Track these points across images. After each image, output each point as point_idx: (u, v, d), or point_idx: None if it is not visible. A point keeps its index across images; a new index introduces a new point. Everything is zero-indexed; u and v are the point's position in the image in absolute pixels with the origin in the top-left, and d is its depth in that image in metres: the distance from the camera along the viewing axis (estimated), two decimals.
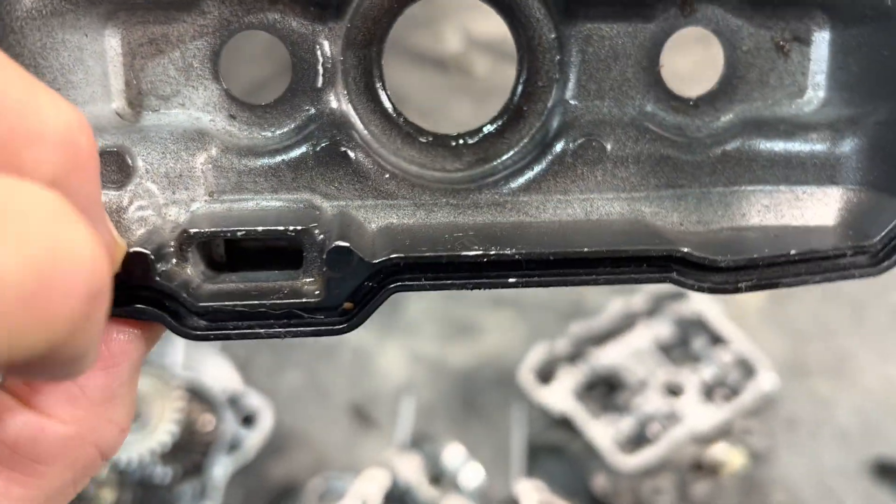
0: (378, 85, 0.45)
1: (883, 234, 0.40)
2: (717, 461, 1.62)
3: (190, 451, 1.56)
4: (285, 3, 0.43)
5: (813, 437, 1.78)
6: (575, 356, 1.71)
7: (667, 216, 0.45)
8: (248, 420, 1.62)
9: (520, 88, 0.46)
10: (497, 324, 2.01)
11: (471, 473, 1.54)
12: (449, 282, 0.40)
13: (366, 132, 0.45)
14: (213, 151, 0.43)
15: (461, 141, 0.47)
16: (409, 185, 0.45)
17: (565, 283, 0.40)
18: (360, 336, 1.98)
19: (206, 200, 0.43)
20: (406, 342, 1.97)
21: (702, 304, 1.75)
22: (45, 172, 0.28)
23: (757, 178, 0.45)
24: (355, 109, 0.45)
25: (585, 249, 0.40)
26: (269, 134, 0.44)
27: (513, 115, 0.46)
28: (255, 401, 1.63)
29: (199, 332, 0.39)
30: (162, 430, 1.49)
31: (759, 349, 1.73)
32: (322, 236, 0.40)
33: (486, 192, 0.45)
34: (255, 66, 2.10)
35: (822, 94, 0.45)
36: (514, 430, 1.72)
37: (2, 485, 0.34)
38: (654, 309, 1.77)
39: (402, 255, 0.39)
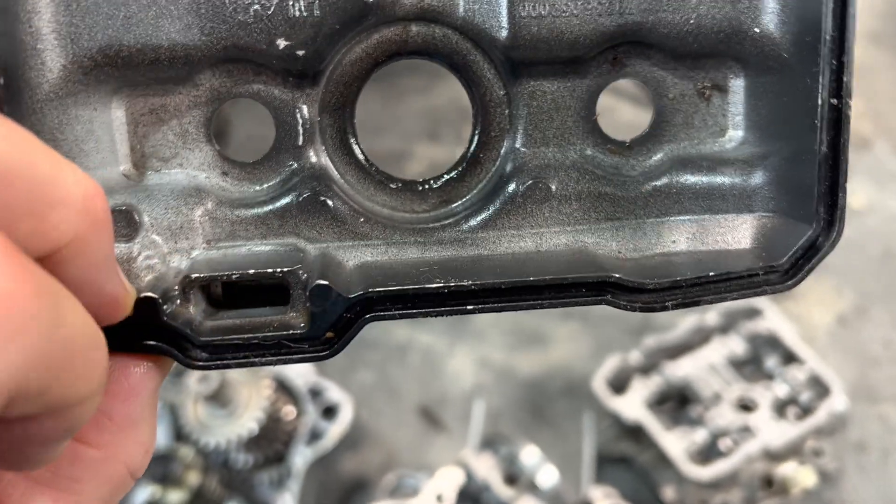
0: (352, 140, 0.51)
1: (790, 254, 0.45)
2: (787, 479, 1.63)
3: (272, 440, 1.61)
4: (268, 74, 0.48)
5: (883, 461, 1.78)
6: (648, 368, 1.74)
7: (607, 245, 0.50)
8: (328, 412, 1.66)
9: (475, 139, 0.52)
10: (564, 335, 2.04)
11: (546, 475, 1.57)
12: (416, 311, 0.46)
13: (342, 181, 0.51)
14: (209, 205, 0.49)
15: (426, 185, 0.52)
16: (382, 226, 0.50)
17: (516, 308, 0.46)
18: (429, 340, 2.03)
19: (204, 248, 0.49)
20: (475, 348, 2.01)
21: (775, 322, 1.77)
22: (67, 232, 0.33)
23: (684, 208, 0.51)
24: (332, 162, 0.51)
25: (531, 278, 0.45)
26: (258, 187, 0.50)
27: (471, 163, 0.52)
28: (335, 394, 1.68)
29: (202, 363, 0.45)
30: (248, 417, 1.53)
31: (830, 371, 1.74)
32: (305, 276, 0.45)
33: (448, 231, 0.51)
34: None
35: (740, 133, 0.50)
36: (585, 437, 1.75)
37: (47, 500, 0.40)
38: (728, 325, 1.79)
39: (373, 289, 0.45)
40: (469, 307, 0.45)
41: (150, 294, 0.43)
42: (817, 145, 0.44)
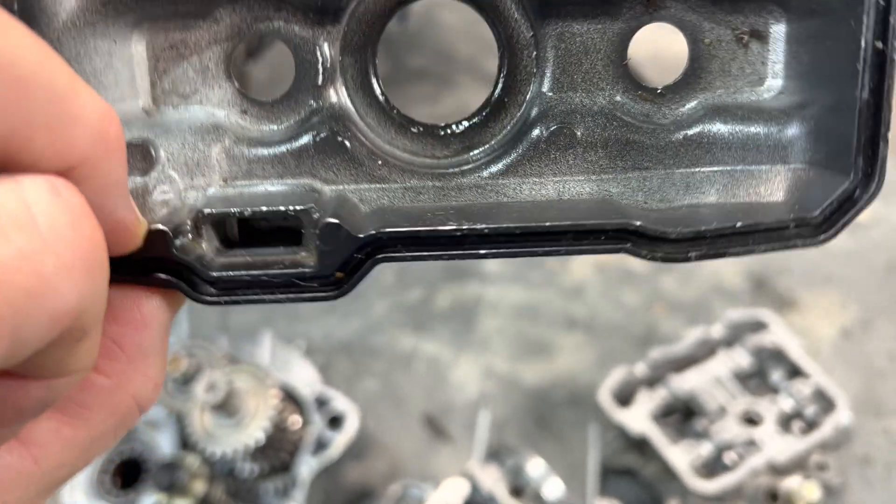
0: (374, 81, 0.50)
1: (823, 206, 0.43)
2: (792, 493, 1.63)
3: (278, 449, 1.61)
4: (288, 10, 0.47)
5: (888, 476, 1.78)
6: (654, 381, 1.74)
7: (632, 196, 0.48)
8: (334, 422, 1.66)
9: (501, 83, 0.50)
10: (569, 346, 2.05)
11: (551, 487, 1.57)
12: (427, 253, 0.44)
13: (362, 124, 0.50)
14: (227, 142, 0.48)
15: (449, 130, 0.51)
16: (400, 170, 0.49)
17: (530, 254, 0.44)
18: (434, 349, 2.03)
19: (220, 186, 0.48)
20: (479, 358, 2.02)
21: (780, 336, 1.77)
22: (82, 150, 0.33)
23: (716, 159, 0.48)
24: (353, 104, 0.49)
25: (548, 223, 0.44)
26: (276, 126, 0.49)
27: (495, 107, 0.50)
28: (341, 404, 1.68)
29: (210, 298, 0.44)
30: (255, 426, 1.53)
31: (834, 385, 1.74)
32: (318, 215, 0.44)
33: (468, 176, 0.49)
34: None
35: (780, 82, 0.48)
36: (590, 449, 1.75)
37: (55, 426, 0.40)
38: (733, 339, 1.80)
39: (384, 230, 0.44)
40: (482, 251, 0.44)
41: (160, 226, 0.43)
42: (858, 91, 0.41)
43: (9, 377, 0.34)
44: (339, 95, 0.49)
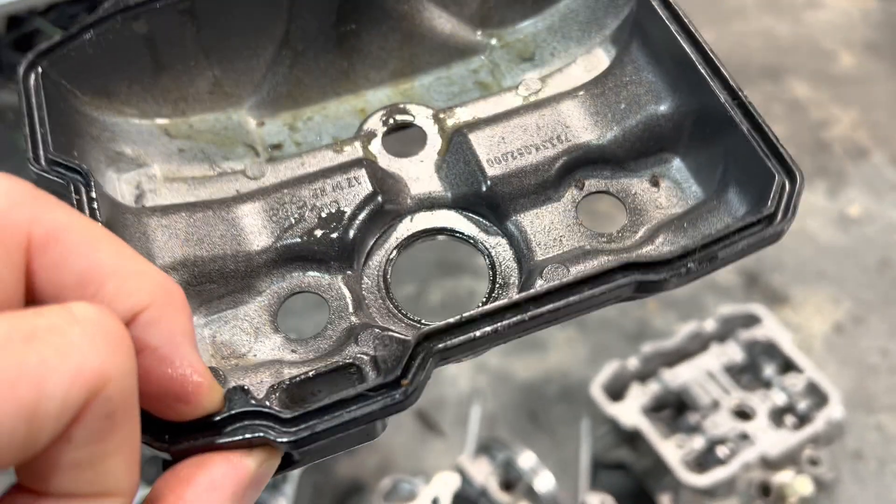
0: (391, 304, 0.59)
1: (770, 199, 0.50)
2: (784, 487, 1.63)
3: None
4: (314, 266, 0.57)
5: (880, 471, 1.78)
6: (646, 375, 1.74)
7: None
8: None
9: (490, 281, 0.59)
10: (561, 341, 2.04)
11: (543, 481, 1.56)
12: (477, 334, 0.47)
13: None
14: (284, 370, 0.54)
15: None
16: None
17: (566, 317, 0.47)
18: None
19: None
20: None
21: (773, 330, 1.77)
22: (144, 295, 0.34)
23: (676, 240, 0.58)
24: (374, 320, 0.57)
25: (571, 278, 0.47)
26: (322, 348, 0.56)
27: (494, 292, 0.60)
28: None
29: (289, 440, 0.42)
30: None
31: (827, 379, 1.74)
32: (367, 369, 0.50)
33: None
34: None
35: (700, 192, 0.59)
36: (582, 443, 1.74)
37: None
38: (726, 333, 1.79)
39: (428, 328, 0.48)
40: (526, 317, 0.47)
41: (237, 383, 0.45)
42: (742, 129, 0.51)
43: (24, 493, 0.31)
44: (366, 317, 0.56)
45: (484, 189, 0.59)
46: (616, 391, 1.72)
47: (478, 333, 0.46)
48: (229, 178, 0.61)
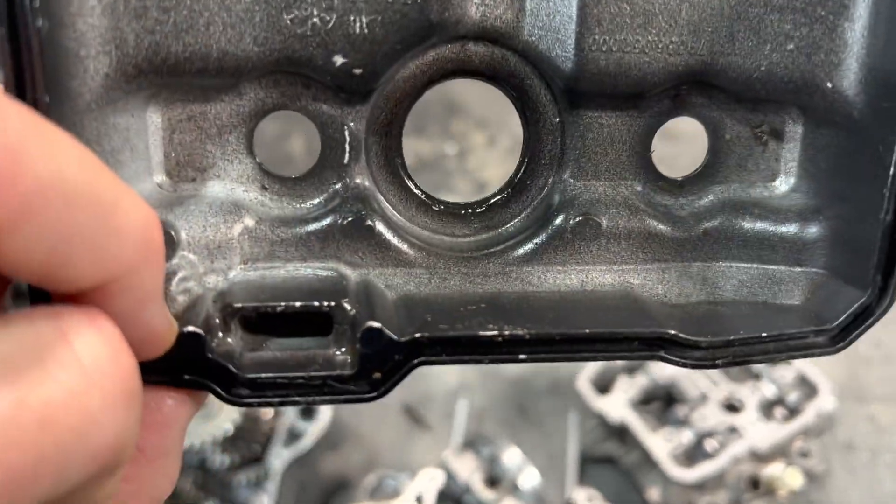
0: (397, 160, 0.50)
1: (839, 320, 0.45)
2: (774, 480, 1.60)
3: (249, 441, 1.58)
4: (317, 88, 0.46)
5: (872, 462, 1.76)
6: (634, 367, 1.71)
7: (652, 288, 0.50)
8: (307, 412, 1.63)
9: (524, 165, 0.50)
10: None
11: (528, 477, 1.54)
12: (467, 357, 0.44)
13: (385, 201, 0.49)
14: (249, 222, 0.46)
15: (469, 210, 0.51)
16: (425, 253, 0.49)
17: (569, 360, 0.45)
18: None
19: (241, 268, 0.46)
20: None
21: None
22: (121, 264, 0.32)
23: (733, 255, 0.50)
24: (376, 182, 0.49)
25: (587, 331, 0.44)
26: (299, 205, 0.48)
27: (516, 188, 0.51)
28: None
29: (244, 400, 0.42)
30: (224, 417, 1.51)
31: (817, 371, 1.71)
32: (353, 312, 0.43)
33: (493, 262, 0.49)
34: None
35: (792, 180, 0.50)
36: (569, 437, 1.72)
37: None
38: None
39: (426, 334, 0.43)
40: (521, 356, 0.43)
41: (195, 329, 0.40)
42: (883, 214, 0.43)
43: None
44: (363, 174, 0.48)
45: (569, 66, 0.46)
46: (603, 384, 1.70)
47: (473, 357, 0.43)
48: None
